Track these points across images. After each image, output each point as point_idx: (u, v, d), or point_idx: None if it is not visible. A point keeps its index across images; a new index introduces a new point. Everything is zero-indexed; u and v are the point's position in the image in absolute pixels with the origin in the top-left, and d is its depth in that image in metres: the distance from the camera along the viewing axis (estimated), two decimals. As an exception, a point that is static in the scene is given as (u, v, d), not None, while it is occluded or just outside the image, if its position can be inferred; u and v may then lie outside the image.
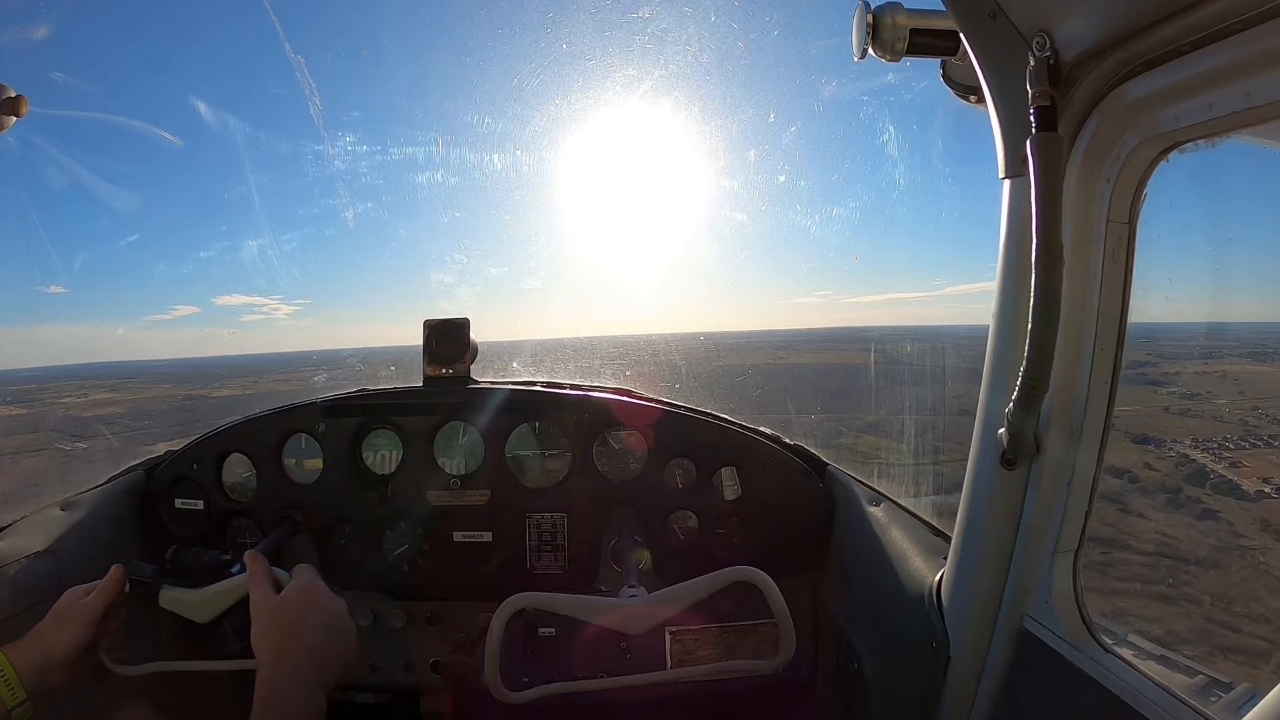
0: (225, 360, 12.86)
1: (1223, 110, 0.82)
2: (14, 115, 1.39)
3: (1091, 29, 0.89)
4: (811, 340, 7.71)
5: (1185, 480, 4.05)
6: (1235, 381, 3.98)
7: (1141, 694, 0.93)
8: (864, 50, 1.18)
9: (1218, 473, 3.84)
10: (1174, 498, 3.99)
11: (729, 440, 1.89)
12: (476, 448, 1.88)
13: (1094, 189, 1.00)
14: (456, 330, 1.86)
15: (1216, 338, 2.71)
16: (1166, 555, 3.79)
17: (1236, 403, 3.99)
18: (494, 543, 1.88)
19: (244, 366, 11.47)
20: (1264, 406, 3.86)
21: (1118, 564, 3.47)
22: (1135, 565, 3.54)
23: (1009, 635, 1.17)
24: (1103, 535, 3.79)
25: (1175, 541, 3.80)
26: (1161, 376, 3.95)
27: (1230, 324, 2.23)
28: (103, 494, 1.83)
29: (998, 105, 1.05)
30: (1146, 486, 4.19)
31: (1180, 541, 3.80)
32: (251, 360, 12.70)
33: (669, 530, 1.89)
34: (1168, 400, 4.16)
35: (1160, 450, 4.24)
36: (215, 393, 9.86)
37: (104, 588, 1.27)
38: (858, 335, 8.06)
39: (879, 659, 1.54)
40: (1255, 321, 3.11)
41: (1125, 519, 3.98)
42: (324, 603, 1.19)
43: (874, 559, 1.58)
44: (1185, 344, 2.63)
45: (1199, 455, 4.02)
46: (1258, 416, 3.90)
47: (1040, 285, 0.94)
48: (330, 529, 1.89)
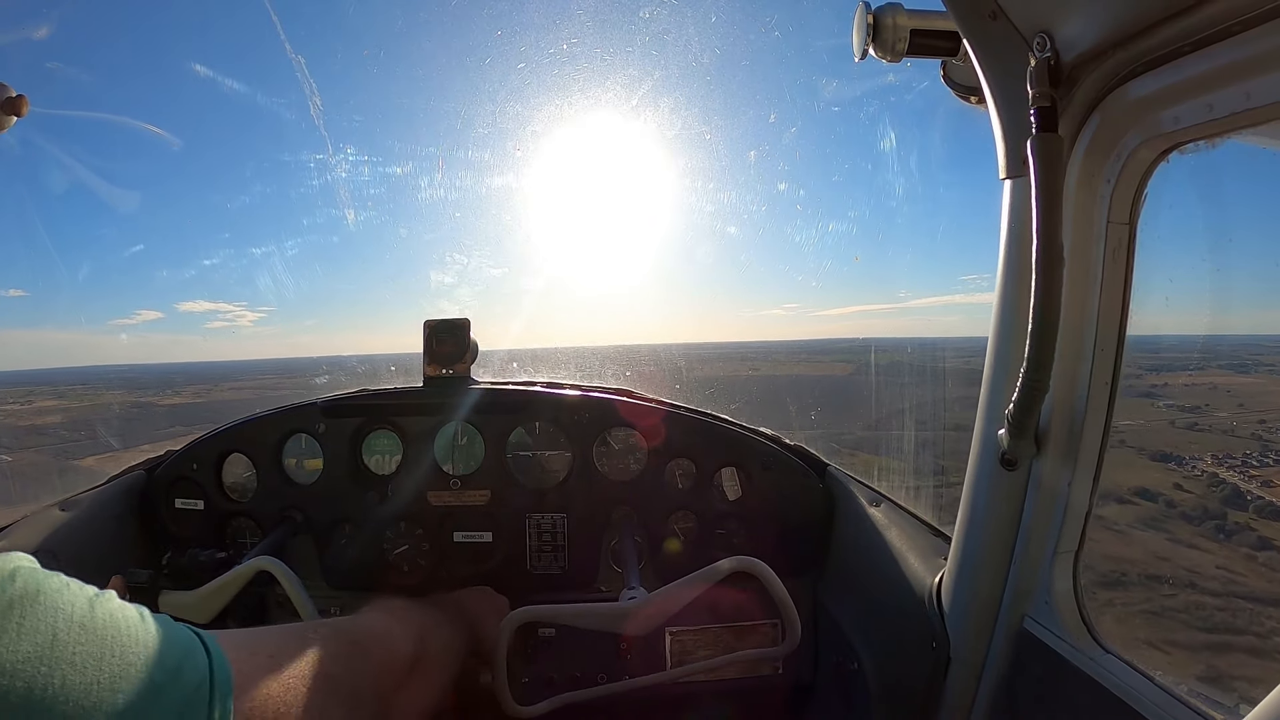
0: (185, 367, 12.75)
1: (1223, 111, 0.82)
2: (15, 115, 1.38)
3: (1092, 30, 0.89)
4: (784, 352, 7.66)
5: (1224, 503, 3.85)
6: (1229, 394, 3.92)
7: (1141, 694, 0.93)
8: (864, 51, 1.18)
9: (1254, 494, 3.71)
10: (1221, 524, 3.80)
11: (729, 441, 1.89)
12: (477, 448, 1.88)
13: (1094, 190, 1.00)
14: (457, 330, 1.86)
15: (1194, 349, 2.68)
16: (1240, 595, 3.47)
17: (1239, 416, 3.92)
18: (494, 543, 1.88)
19: (201, 374, 11.41)
20: (1269, 419, 3.80)
21: (1192, 609, 3.21)
22: (1212, 610, 3.25)
23: (1009, 636, 1.17)
24: (1162, 573, 3.55)
25: (1242, 578, 3.58)
26: (1152, 389, 3.88)
27: (1208, 336, 2.21)
28: (103, 494, 1.83)
29: (998, 106, 1.05)
30: (1188, 512, 4.00)
31: (1247, 577, 3.57)
32: (212, 367, 12.62)
33: (669, 531, 1.89)
34: (1167, 414, 4.08)
35: (1184, 469, 4.09)
36: (165, 400, 9.78)
37: None
38: (829, 347, 7.99)
39: (879, 659, 1.54)
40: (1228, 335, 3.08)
41: (1178, 551, 3.73)
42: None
43: (874, 559, 1.58)
44: (1163, 355, 2.61)
45: (1226, 474, 3.89)
46: (1269, 431, 3.83)
47: (1040, 286, 0.94)
48: (330, 529, 1.89)
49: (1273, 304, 1.78)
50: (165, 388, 10.31)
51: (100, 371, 8.84)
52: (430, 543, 1.88)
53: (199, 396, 9.90)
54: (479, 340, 1.90)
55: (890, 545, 1.54)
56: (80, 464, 1.84)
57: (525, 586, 1.87)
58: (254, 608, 1.83)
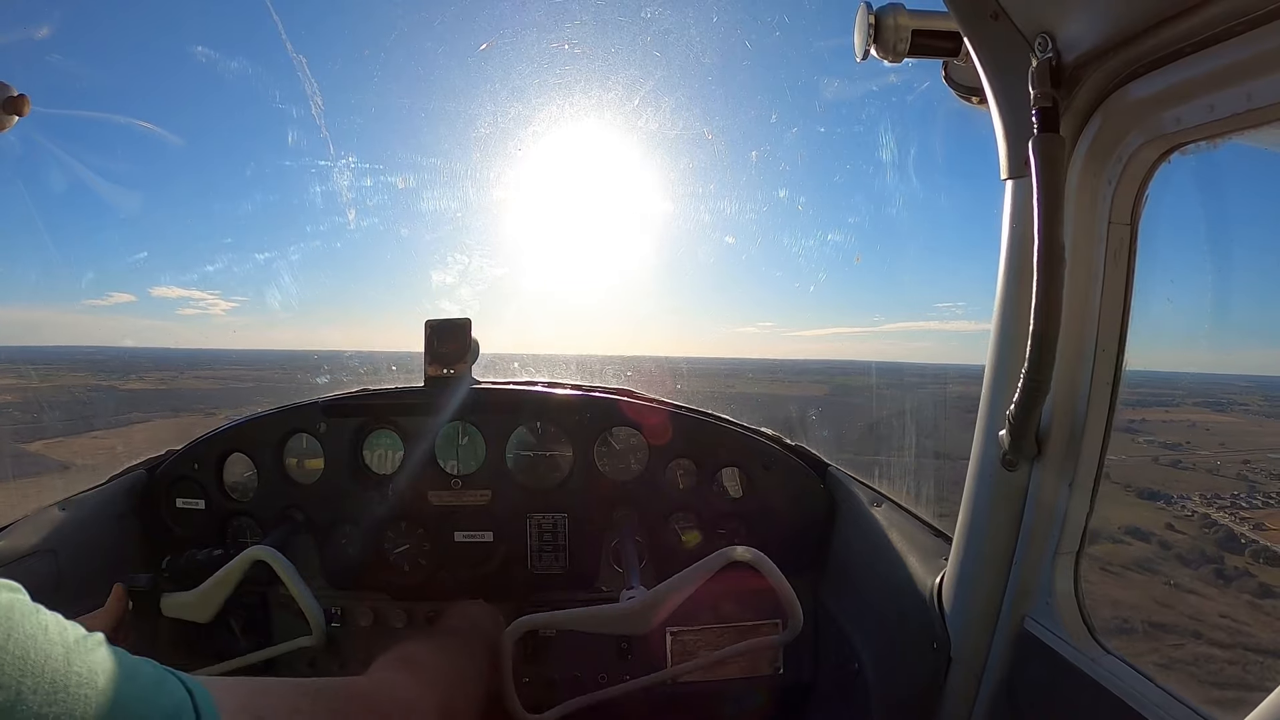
0: (153, 352, 12.49)
1: (1224, 112, 0.82)
2: (16, 114, 1.39)
3: (1094, 30, 0.89)
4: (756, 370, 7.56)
5: (1219, 546, 3.79)
6: (1208, 431, 3.89)
7: (1142, 695, 0.93)
8: (866, 51, 1.18)
9: (1247, 537, 3.68)
10: (1219, 568, 3.73)
11: (730, 441, 1.89)
12: (478, 448, 1.88)
13: (1096, 190, 1.00)
14: (458, 330, 1.86)
15: (1169, 385, 2.66)
16: (1249, 648, 3.38)
17: (1222, 455, 3.88)
18: (495, 543, 1.88)
19: (169, 360, 11.13)
20: (1253, 460, 3.77)
21: (1201, 661, 3.13)
22: (1222, 664, 3.19)
23: (1010, 636, 1.17)
24: (1165, 620, 3.45)
25: (1247, 628, 3.46)
26: (1130, 424, 3.84)
27: (1182, 374, 2.20)
28: (103, 493, 1.83)
29: (1000, 106, 1.05)
30: (1184, 554, 3.94)
31: (1252, 628, 3.46)
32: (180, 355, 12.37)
33: (670, 531, 1.90)
34: (1150, 450, 4.05)
35: (1174, 508, 4.05)
36: (126, 385, 9.56)
37: (109, 609, 1.27)
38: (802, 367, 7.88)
39: (880, 660, 1.54)
40: (1202, 372, 3.05)
41: (1179, 596, 3.65)
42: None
43: (875, 560, 1.58)
44: (1139, 390, 2.59)
45: (1217, 514, 3.87)
46: (1254, 471, 3.80)
47: (1041, 287, 0.94)
48: (331, 529, 1.89)
49: (1273, 304, 1.78)
50: (130, 372, 10.06)
51: (67, 352, 8.70)
52: (431, 542, 1.88)
53: (163, 383, 9.74)
54: (480, 340, 1.90)
55: (891, 546, 1.54)
56: (27, 448, 1.77)
57: (526, 586, 1.87)
58: (255, 607, 1.83)
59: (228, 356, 10.09)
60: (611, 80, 3.46)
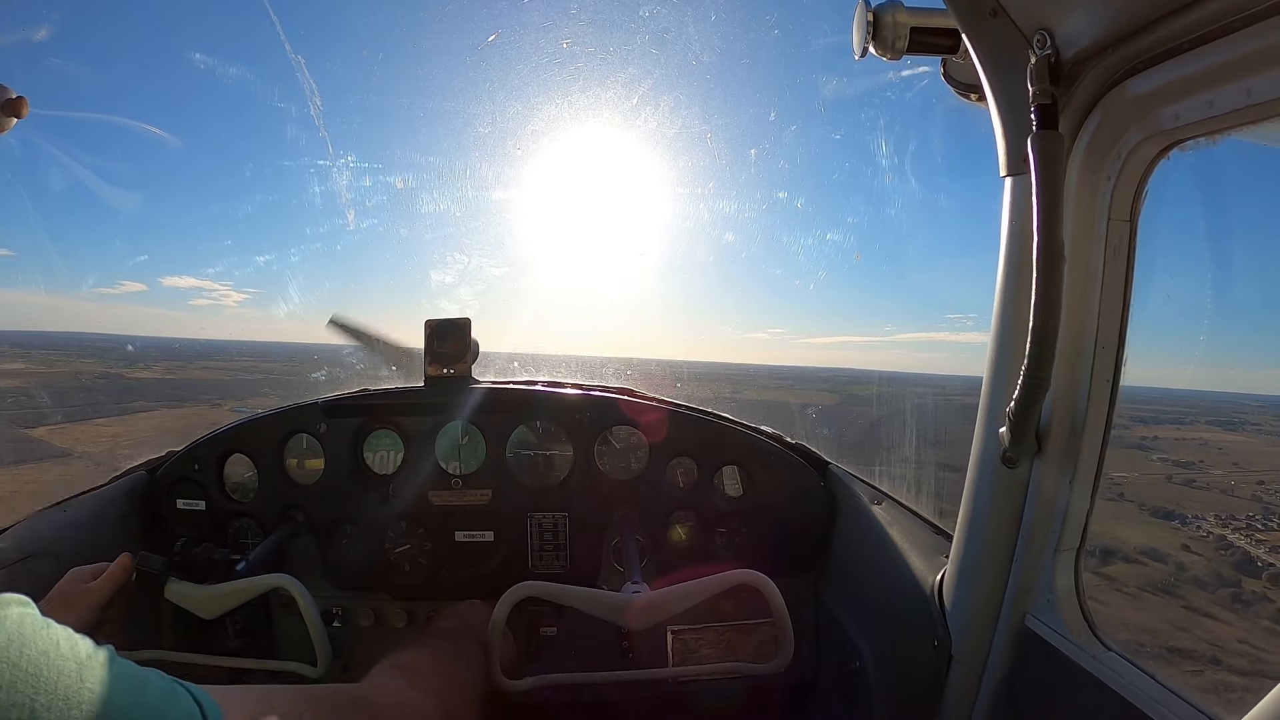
0: (163, 341, 12.53)
1: (1223, 108, 0.82)
2: (15, 116, 1.38)
3: (1092, 27, 0.89)
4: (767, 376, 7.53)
5: (1236, 569, 3.77)
6: (1220, 451, 3.86)
7: (1144, 692, 0.93)
8: (864, 49, 1.18)
9: (1265, 560, 3.64)
10: (1236, 592, 3.70)
11: (730, 439, 1.89)
12: (478, 447, 1.89)
13: (1095, 187, 1.00)
14: (458, 330, 1.86)
15: (1181, 403, 2.64)
16: (1269, 676, 3.38)
17: (1236, 475, 3.85)
18: (495, 542, 1.88)
19: (179, 350, 11.07)
20: (1268, 480, 3.73)
21: (1220, 690, 3.18)
22: (1241, 692, 3.21)
23: (1011, 634, 1.17)
24: (1183, 645, 3.43)
25: (1267, 654, 3.43)
26: (1142, 441, 3.80)
27: (1194, 391, 2.19)
28: (104, 494, 1.83)
29: (999, 103, 1.05)
30: (1200, 576, 3.91)
31: (1272, 655, 3.43)
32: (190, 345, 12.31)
33: (671, 529, 1.90)
34: (1163, 468, 4.02)
35: (1188, 528, 4.01)
36: (134, 374, 9.54)
37: (112, 574, 1.26)
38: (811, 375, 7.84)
39: (881, 658, 1.54)
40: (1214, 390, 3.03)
41: (1195, 620, 3.63)
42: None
43: (876, 558, 1.59)
44: (1149, 407, 2.57)
45: (1233, 536, 3.82)
46: (1269, 493, 3.77)
47: (1041, 283, 0.94)
48: (332, 529, 1.89)
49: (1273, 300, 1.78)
50: (138, 361, 10.01)
51: (79, 338, 8.58)
52: (432, 542, 1.88)
53: (170, 372, 9.75)
54: (480, 340, 1.90)
55: (892, 544, 1.54)
56: (30, 433, 1.76)
57: None
58: (255, 607, 1.83)
59: (237, 348, 10.06)
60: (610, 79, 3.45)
